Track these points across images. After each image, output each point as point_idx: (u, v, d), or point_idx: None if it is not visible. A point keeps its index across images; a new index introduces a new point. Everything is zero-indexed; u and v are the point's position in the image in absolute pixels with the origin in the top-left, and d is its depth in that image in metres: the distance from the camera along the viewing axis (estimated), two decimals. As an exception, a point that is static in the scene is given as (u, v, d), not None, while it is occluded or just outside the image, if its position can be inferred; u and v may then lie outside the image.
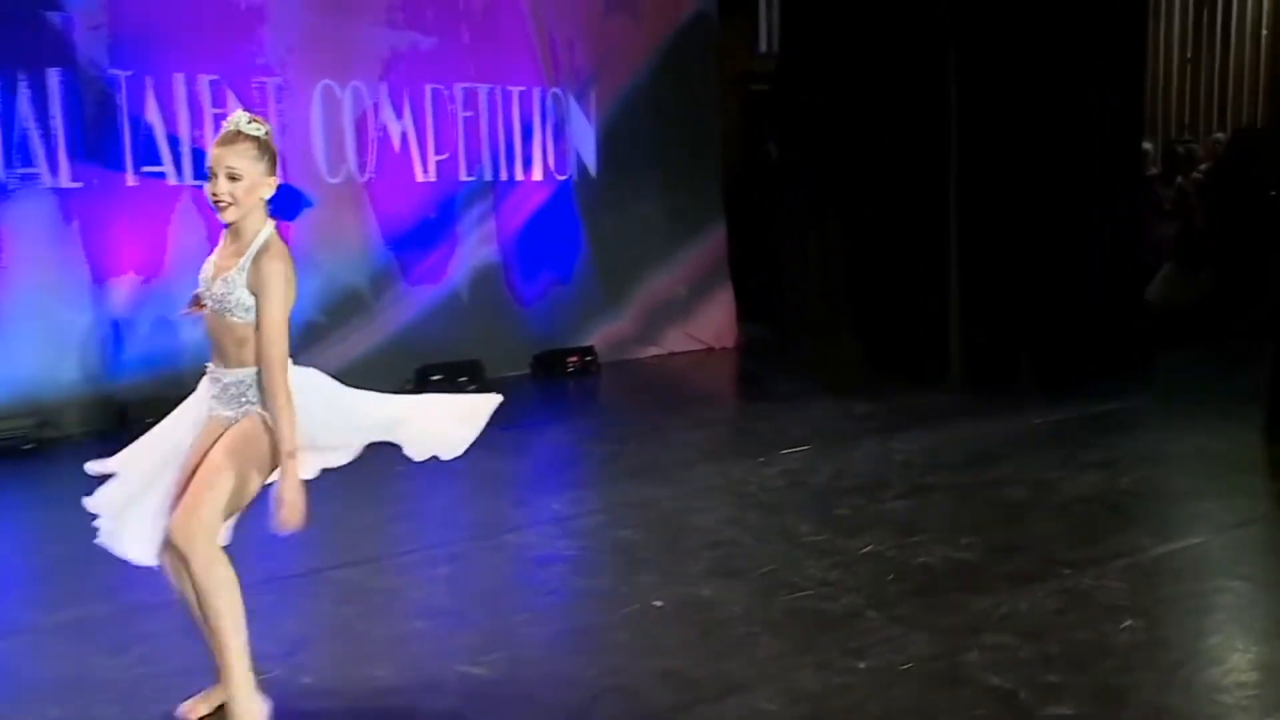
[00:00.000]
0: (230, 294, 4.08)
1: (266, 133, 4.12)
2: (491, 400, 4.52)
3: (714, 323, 12.24)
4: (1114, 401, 9.32)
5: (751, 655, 4.94)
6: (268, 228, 4.13)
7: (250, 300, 4.07)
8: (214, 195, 4.02)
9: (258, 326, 4.07)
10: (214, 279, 4.13)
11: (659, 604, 5.50)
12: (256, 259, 4.07)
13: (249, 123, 4.08)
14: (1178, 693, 4.62)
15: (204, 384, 4.28)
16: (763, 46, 13.85)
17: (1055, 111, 9.83)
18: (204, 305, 4.19)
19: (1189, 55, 14.19)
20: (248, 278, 4.06)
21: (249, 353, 4.12)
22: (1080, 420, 8.82)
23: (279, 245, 4.13)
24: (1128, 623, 5.21)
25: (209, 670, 4.29)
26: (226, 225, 4.13)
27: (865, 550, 6.14)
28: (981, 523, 6.57)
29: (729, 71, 12.50)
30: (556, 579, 5.96)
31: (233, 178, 4.00)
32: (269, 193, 4.11)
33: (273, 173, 4.11)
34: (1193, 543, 6.36)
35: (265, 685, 4.63)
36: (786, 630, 5.19)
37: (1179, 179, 12.84)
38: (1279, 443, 8.06)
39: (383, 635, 5.24)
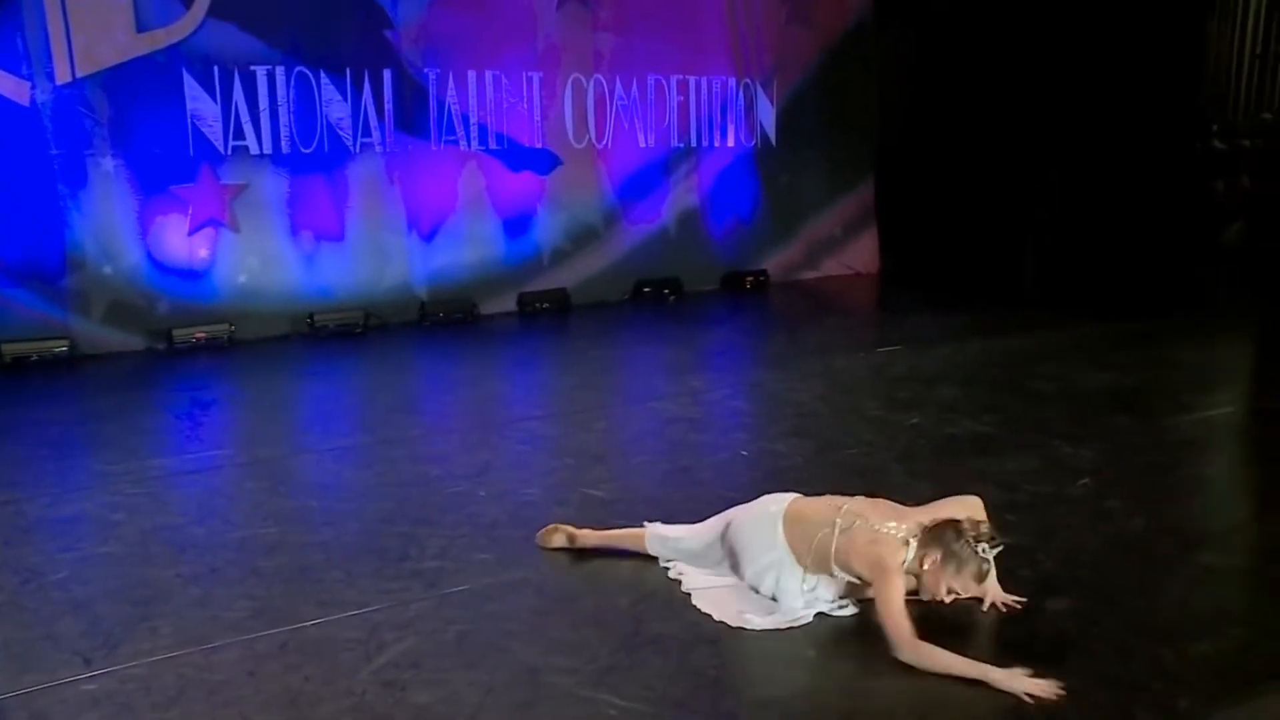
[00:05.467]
0: None
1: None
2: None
3: (861, 253, 12.07)
4: (1151, 319, 8.89)
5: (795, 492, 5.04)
6: None
7: None
8: None
9: None
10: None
11: (745, 454, 5.65)
12: None
13: None
14: (1097, 532, 4.55)
15: None
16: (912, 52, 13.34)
17: (1132, 98, 9.38)
18: None
19: (1258, 51, 13.12)
20: None
21: None
22: (1117, 333, 8.46)
23: None
24: (1084, 481, 5.13)
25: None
26: None
27: (910, 423, 6.14)
28: (1006, 406, 6.47)
29: (887, 67, 12.16)
30: (675, 435, 6.11)
31: None
32: None
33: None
34: (1165, 425, 6.11)
35: (451, 498, 5.01)
36: (829, 476, 5.24)
37: (1218, 144, 12.01)
38: (1267, 353, 7.62)
39: (540, 467, 5.54)
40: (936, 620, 3.63)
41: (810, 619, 3.73)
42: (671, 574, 4.09)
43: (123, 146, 8.24)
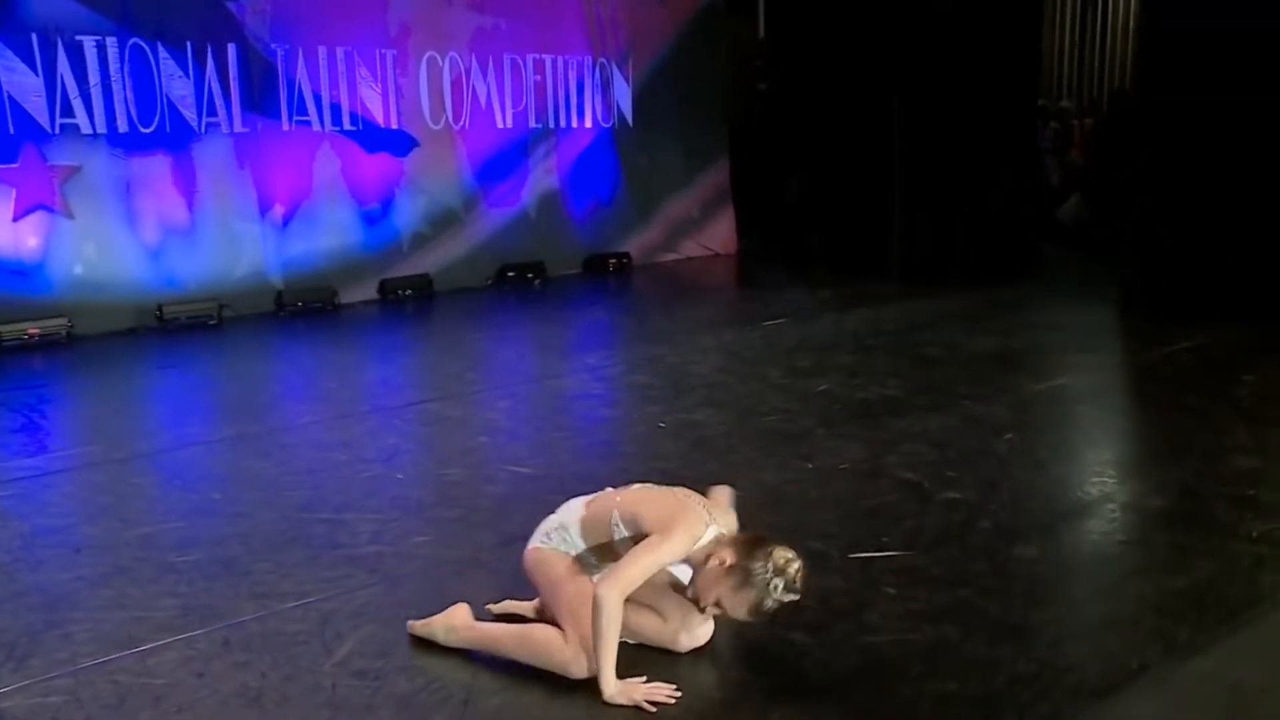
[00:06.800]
0: None
1: None
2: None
3: (719, 234, 12.05)
4: (1010, 288, 9.14)
5: (728, 459, 4.92)
6: None
7: None
8: None
9: None
10: None
11: (662, 425, 5.48)
12: None
13: None
14: (1037, 482, 4.59)
15: None
16: (761, 32, 13.50)
17: (974, 81, 9.65)
18: None
19: (1077, 41, 14.06)
20: None
21: None
22: (984, 301, 8.64)
23: None
24: (1008, 436, 5.18)
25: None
26: None
27: (819, 389, 6.09)
28: (906, 370, 6.50)
29: (736, 48, 12.22)
30: (585, 409, 5.94)
31: None
32: None
33: None
34: (1060, 382, 6.31)
35: (368, 482, 4.68)
36: (756, 442, 5.17)
37: (1054, 125, 12.62)
38: (1129, 315, 7.91)
39: (454, 447, 5.24)
40: (922, 572, 3.56)
41: None
42: None
43: (-74, 122, 7.45)
